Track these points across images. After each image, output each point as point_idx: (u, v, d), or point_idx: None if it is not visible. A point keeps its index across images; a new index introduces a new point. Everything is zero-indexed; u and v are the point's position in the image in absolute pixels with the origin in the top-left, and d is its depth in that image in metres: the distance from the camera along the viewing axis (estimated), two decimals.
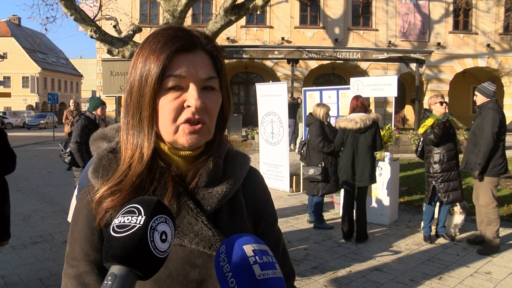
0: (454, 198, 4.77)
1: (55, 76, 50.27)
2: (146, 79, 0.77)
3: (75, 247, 0.79)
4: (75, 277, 0.77)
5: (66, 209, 6.53)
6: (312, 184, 5.44)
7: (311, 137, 5.39)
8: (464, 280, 3.86)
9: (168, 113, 0.77)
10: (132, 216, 0.60)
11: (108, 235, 0.61)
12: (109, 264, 0.60)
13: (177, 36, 0.78)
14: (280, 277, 0.66)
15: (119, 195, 0.76)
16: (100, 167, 0.82)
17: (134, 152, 0.79)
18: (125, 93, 0.81)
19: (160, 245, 0.60)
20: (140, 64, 0.78)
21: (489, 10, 21.11)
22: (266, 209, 0.94)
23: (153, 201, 0.63)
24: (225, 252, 0.67)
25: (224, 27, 6.61)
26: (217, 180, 0.84)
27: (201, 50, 0.80)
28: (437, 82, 21.28)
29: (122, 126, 0.83)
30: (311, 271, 4.05)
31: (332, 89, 8.32)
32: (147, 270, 0.60)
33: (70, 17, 6.38)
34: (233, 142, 0.93)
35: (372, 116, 4.79)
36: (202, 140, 0.80)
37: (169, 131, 0.78)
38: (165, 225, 0.62)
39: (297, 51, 16.37)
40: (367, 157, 4.81)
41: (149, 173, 0.78)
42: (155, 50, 0.77)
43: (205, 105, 0.77)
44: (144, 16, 20.98)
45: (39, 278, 3.91)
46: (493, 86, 4.60)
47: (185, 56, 0.77)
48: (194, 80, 0.77)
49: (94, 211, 0.78)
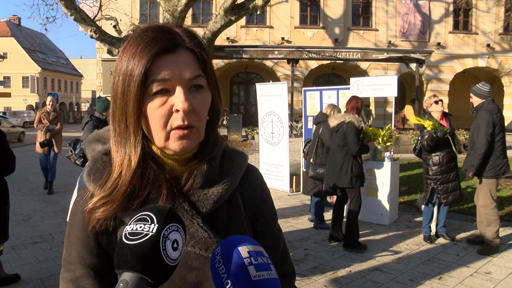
0: (453, 199, 4.77)
1: (55, 76, 50.28)
2: (128, 85, 0.74)
3: (71, 251, 0.78)
4: (71, 281, 0.77)
5: (66, 209, 6.52)
6: (315, 184, 5.45)
7: (323, 136, 5.41)
8: (464, 280, 3.86)
9: (157, 119, 0.74)
10: (145, 224, 0.61)
11: (120, 242, 0.61)
12: (120, 271, 0.60)
13: (157, 38, 0.75)
14: (275, 278, 0.66)
15: (111, 205, 0.75)
16: (95, 170, 0.81)
17: (123, 159, 0.77)
18: (111, 99, 0.79)
19: (172, 253, 0.61)
20: (122, 69, 0.76)
21: (489, 10, 21.12)
22: (265, 207, 0.93)
23: (165, 209, 0.63)
24: (220, 253, 0.67)
25: (224, 27, 6.62)
26: (212, 180, 0.82)
27: (183, 49, 0.76)
28: (437, 82, 21.29)
29: (110, 133, 0.81)
30: (311, 271, 4.05)
31: (332, 89, 8.31)
32: (158, 278, 0.61)
33: (70, 17, 6.38)
34: (233, 142, 0.93)
35: (349, 118, 4.69)
36: (193, 143, 0.78)
37: (160, 137, 0.76)
38: (177, 234, 0.62)
39: (297, 51, 16.37)
40: (336, 156, 4.76)
41: (142, 178, 0.77)
42: (135, 54, 0.74)
43: (193, 106, 0.75)
44: (144, 16, 20.99)
45: (39, 278, 3.91)
46: (487, 87, 4.59)
47: (167, 58, 0.74)
48: (179, 82, 0.74)
49: (87, 219, 0.77)
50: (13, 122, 32.57)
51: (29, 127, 31.74)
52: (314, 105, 8.45)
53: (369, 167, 5.86)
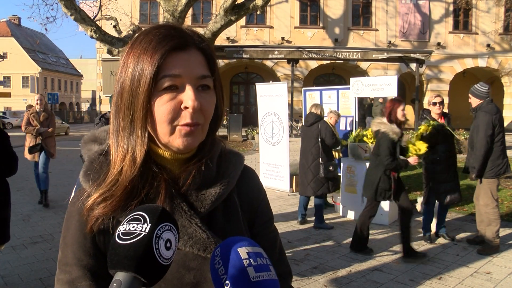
0: (453, 198, 4.77)
1: (55, 76, 50.29)
2: (139, 80, 0.74)
3: (67, 253, 0.78)
4: (67, 282, 0.76)
5: (66, 209, 6.53)
6: (321, 183, 5.41)
7: (325, 136, 5.41)
8: (464, 280, 3.86)
9: (164, 114, 0.75)
10: (138, 224, 0.61)
11: (114, 242, 0.61)
12: (114, 271, 0.61)
13: (170, 34, 0.76)
14: (275, 279, 0.66)
15: (111, 202, 0.75)
16: (91, 171, 0.81)
17: (125, 155, 0.77)
18: (115, 94, 0.79)
19: (165, 252, 0.61)
20: (131, 64, 0.76)
21: (489, 10, 21.13)
22: (261, 208, 0.93)
23: (158, 209, 0.63)
24: (220, 255, 0.67)
25: (224, 27, 6.63)
26: (210, 181, 0.83)
27: (195, 49, 0.78)
28: (437, 82, 21.29)
29: (111, 128, 0.80)
30: (311, 271, 4.05)
31: (332, 89, 8.32)
32: (151, 277, 0.61)
33: (70, 17, 6.39)
34: (233, 142, 0.94)
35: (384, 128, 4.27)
36: (196, 141, 0.78)
37: (165, 132, 0.76)
38: (170, 233, 0.62)
39: (297, 51, 16.37)
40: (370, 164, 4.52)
41: (141, 177, 0.77)
42: (147, 49, 0.74)
43: (200, 105, 0.76)
44: (144, 16, 20.99)
45: (39, 278, 3.91)
46: (485, 87, 4.58)
47: (179, 55, 0.75)
48: (189, 80, 0.75)
49: (85, 218, 0.77)
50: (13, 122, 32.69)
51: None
52: None
53: None
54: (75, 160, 12.52)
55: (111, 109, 0.82)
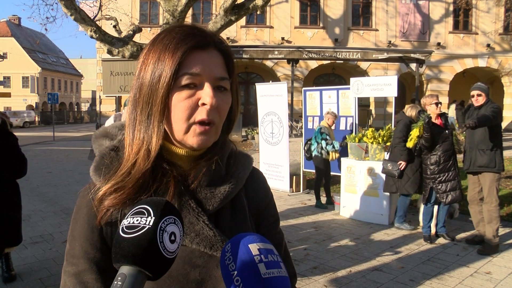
0: (453, 198, 4.77)
1: (55, 76, 50.27)
2: (159, 75, 0.76)
3: (75, 245, 0.79)
4: (74, 275, 0.77)
5: (66, 209, 6.53)
6: (391, 181, 5.38)
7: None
8: (464, 280, 3.86)
9: (182, 111, 0.76)
10: (142, 217, 0.61)
11: (118, 235, 0.61)
12: (118, 265, 0.60)
13: (193, 33, 0.78)
14: (285, 276, 0.66)
15: (122, 193, 0.76)
16: (102, 165, 0.81)
17: (140, 148, 0.78)
18: (133, 88, 0.80)
19: (169, 245, 0.61)
20: (152, 60, 0.77)
21: (489, 10, 21.12)
22: (268, 210, 0.94)
23: (162, 202, 0.63)
24: (230, 250, 0.67)
25: (224, 27, 6.62)
26: (219, 180, 0.83)
27: (215, 49, 0.80)
28: (437, 82, 21.29)
29: (128, 121, 0.81)
30: (311, 271, 4.05)
31: (332, 89, 8.33)
32: (156, 271, 0.60)
33: (70, 17, 6.38)
34: (233, 142, 0.94)
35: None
36: (210, 141, 0.80)
37: (180, 129, 0.77)
38: (174, 226, 0.62)
39: (297, 51, 16.38)
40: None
41: (152, 172, 0.78)
42: (168, 47, 0.76)
43: (217, 104, 0.77)
44: (144, 16, 20.99)
45: (39, 278, 3.91)
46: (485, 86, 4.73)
47: (200, 54, 0.77)
48: (208, 78, 0.77)
49: (95, 209, 0.78)
50: (13, 122, 32.65)
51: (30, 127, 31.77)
52: (314, 105, 8.46)
53: (370, 167, 5.88)
54: (75, 160, 12.53)
55: (128, 104, 0.84)
